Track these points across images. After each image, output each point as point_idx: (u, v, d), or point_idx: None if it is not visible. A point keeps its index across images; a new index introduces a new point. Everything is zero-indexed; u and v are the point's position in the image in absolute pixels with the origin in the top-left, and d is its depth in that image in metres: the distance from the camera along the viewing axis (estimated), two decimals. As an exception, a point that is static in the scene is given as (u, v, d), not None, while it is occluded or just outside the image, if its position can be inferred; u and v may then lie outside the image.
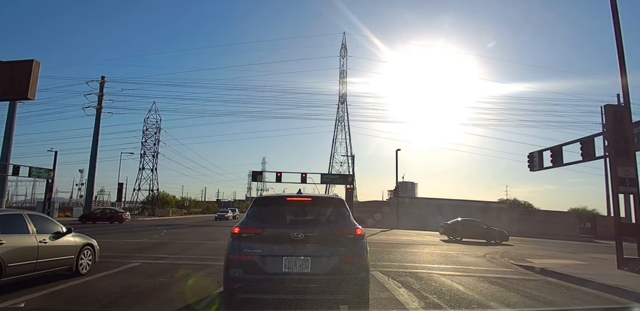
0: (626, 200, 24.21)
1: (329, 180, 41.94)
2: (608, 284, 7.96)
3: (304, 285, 4.76)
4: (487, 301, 6.36)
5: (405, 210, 43.29)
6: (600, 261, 13.08)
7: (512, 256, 14.18)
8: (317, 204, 5.83)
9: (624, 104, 12.30)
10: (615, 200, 12.68)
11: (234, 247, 4.96)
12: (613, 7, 12.18)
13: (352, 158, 50.92)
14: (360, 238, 5.12)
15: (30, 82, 8.28)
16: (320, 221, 5.47)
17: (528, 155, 17.79)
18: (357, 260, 4.96)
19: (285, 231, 5.01)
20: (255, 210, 5.49)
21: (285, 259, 4.82)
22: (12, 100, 21.16)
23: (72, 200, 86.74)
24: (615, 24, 12.14)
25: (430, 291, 6.94)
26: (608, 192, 40.38)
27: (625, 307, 5.25)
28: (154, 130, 68.98)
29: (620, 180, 11.13)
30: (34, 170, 31.69)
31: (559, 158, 15.43)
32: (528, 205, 59.24)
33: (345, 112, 73.74)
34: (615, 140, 11.31)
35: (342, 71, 72.87)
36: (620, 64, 11.96)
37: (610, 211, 40.37)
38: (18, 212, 7.03)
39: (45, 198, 34.42)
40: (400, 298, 6.29)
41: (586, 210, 50.91)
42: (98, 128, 47.36)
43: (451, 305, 5.95)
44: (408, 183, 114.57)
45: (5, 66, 8.68)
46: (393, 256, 12.73)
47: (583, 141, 13.84)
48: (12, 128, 30.72)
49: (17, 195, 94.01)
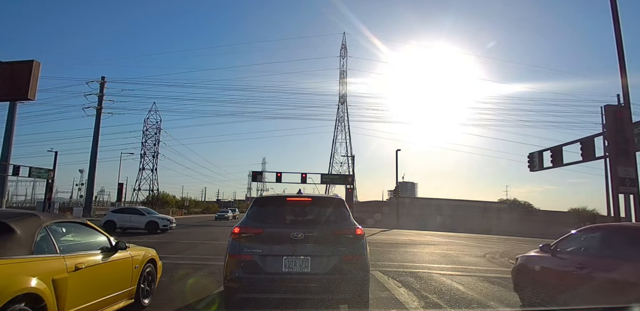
0: (626, 200, 24.19)
1: (329, 180, 41.98)
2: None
3: (303, 284, 4.76)
4: (487, 300, 6.37)
5: (405, 210, 43.32)
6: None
7: (512, 256, 14.12)
8: (317, 204, 5.83)
9: (624, 104, 12.31)
10: (615, 200, 12.70)
11: (234, 247, 4.97)
12: (613, 7, 12.19)
13: (352, 158, 50.98)
14: (360, 238, 5.13)
15: (30, 82, 8.29)
16: (320, 221, 5.47)
17: (528, 155, 17.82)
18: (357, 259, 4.96)
19: (285, 231, 5.02)
20: (255, 210, 5.49)
21: (285, 259, 4.83)
22: (13, 100, 21.19)
23: (72, 200, 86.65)
24: (615, 24, 12.15)
25: (430, 291, 6.94)
26: (608, 192, 40.13)
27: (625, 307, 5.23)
28: (154, 131, 69.20)
29: (620, 180, 11.14)
30: (34, 170, 31.74)
31: (559, 159, 15.45)
32: (528, 205, 59.31)
33: (345, 113, 73.92)
34: (615, 140, 11.32)
35: (342, 71, 73.10)
36: (620, 64, 11.97)
37: (610, 211, 40.31)
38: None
39: (45, 198, 34.43)
40: (400, 297, 6.29)
41: (586, 210, 50.95)
42: (98, 128, 47.44)
43: (451, 305, 5.96)
44: (408, 183, 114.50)
45: (5, 66, 8.69)
46: (393, 256, 12.74)
47: (583, 141, 13.86)
48: (12, 128, 30.74)
49: (17, 195, 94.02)
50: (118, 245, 4.82)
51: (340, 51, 74.82)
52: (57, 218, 4.34)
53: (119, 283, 4.70)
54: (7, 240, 3.39)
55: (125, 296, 4.81)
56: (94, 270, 4.17)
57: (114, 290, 4.54)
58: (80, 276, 3.85)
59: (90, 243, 4.54)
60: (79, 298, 3.83)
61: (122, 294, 4.72)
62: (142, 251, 5.53)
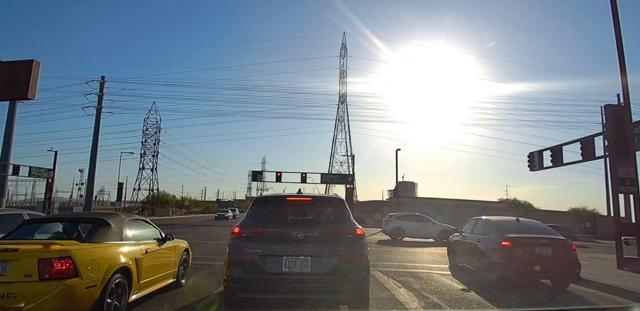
0: (626, 200, 24.22)
1: (329, 179, 41.91)
2: (608, 284, 7.96)
3: (304, 284, 4.76)
4: (486, 301, 6.36)
5: (405, 210, 43.17)
6: (600, 261, 13.08)
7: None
8: (317, 204, 5.83)
9: (624, 104, 12.30)
10: (615, 200, 12.68)
11: (234, 247, 4.97)
12: (613, 7, 12.18)
13: (352, 158, 50.89)
14: (360, 238, 5.13)
15: (30, 82, 8.27)
16: (320, 221, 5.46)
17: (528, 155, 17.79)
18: (357, 259, 4.96)
19: (285, 231, 5.02)
20: (255, 209, 5.49)
21: (285, 259, 4.82)
22: (12, 100, 21.16)
23: (72, 200, 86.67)
24: (615, 24, 12.14)
25: (430, 291, 6.94)
26: (608, 192, 40.33)
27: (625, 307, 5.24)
28: (154, 130, 69.19)
29: (620, 180, 11.13)
30: (34, 170, 31.68)
31: (559, 158, 15.43)
32: (528, 205, 59.12)
33: (345, 112, 73.85)
34: (615, 140, 11.31)
35: (342, 71, 73.01)
36: (620, 64, 11.96)
37: (610, 211, 40.35)
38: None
39: (45, 198, 34.36)
40: (400, 297, 6.29)
41: (586, 209, 50.77)
42: (98, 128, 47.29)
43: (451, 305, 5.96)
44: (408, 183, 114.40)
45: (5, 66, 8.68)
46: (393, 256, 12.73)
47: (583, 141, 13.83)
48: (12, 128, 30.68)
49: (17, 194, 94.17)
50: (167, 236, 6.38)
51: (340, 51, 74.80)
52: (131, 216, 6.02)
53: (168, 266, 6.23)
54: (107, 230, 5.00)
55: (170, 275, 6.33)
56: (154, 254, 5.71)
57: (165, 270, 6.09)
58: (148, 258, 5.42)
59: (149, 234, 6.06)
60: (147, 273, 5.37)
61: (169, 273, 6.27)
62: (181, 243, 7.09)
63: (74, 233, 5.39)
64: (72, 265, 3.99)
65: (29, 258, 3.88)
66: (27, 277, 3.80)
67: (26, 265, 3.84)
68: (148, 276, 5.41)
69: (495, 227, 8.80)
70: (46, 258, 3.89)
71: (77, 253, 4.14)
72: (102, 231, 4.96)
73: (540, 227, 9.07)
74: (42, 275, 3.83)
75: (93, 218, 5.36)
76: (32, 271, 3.82)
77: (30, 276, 3.81)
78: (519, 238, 7.94)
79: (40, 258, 3.88)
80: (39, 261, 3.86)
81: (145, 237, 5.85)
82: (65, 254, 4.00)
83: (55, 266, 3.89)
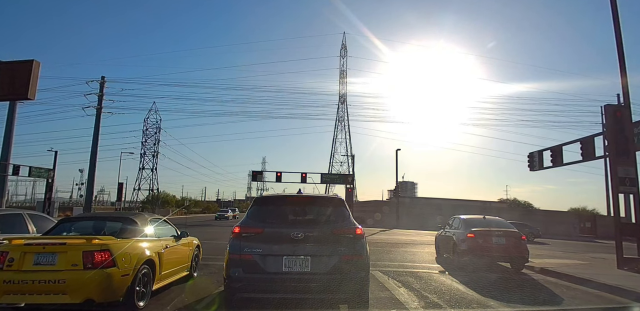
0: (626, 200, 24.20)
1: (329, 179, 41.87)
2: (608, 284, 7.96)
3: (304, 284, 4.77)
4: (486, 300, 6.36)
5: (405, 210, 43.29)
6: (600, 261, 13.08)
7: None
8: (317, 204, 5.84)
9: (624, 104, 12.29)
10: (615, 200, 12.68)
11: (235, 247, 4.97)
12: (613, 7, 12.18)
13: (352, 158, 50.85)
14: (360, 238, 5.13)
15: (30, 82, 8.27)
16: (320, 220, 5.47)
17: (528, 155, 17.77)
18: (357, 259, 4.96)
19: (285, 230, 5.02)
20: (255, 209, 5.50)
21: (285, 258, 4.83)
22: (12, 100, 21.14)
23: (72, 200, 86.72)
24: (615, 24, 12.14)
25: (430, 291, 6.94)
26: (608, 192, 40.35)
27: (625, 307, 5.25)
28: (154, 130, 69.21)
29: (620, 180, 11.13)
30: (34, 170, 31.65)
31: (559, 158, 15.41)
32: (528, 205, 59.19)
33: (345, 112, 73.88)
34: (615, 140, 11.30)
35: (342, 71, 73.05)
36: (620, 64, 11.96)
37: (610, 211, 40.37)
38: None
39: (45, 198, 34.33)
40: (400, 297, 6.29)
41: (586, 209, 50.79)
42: (98, 128, 47.30)
43: (451, 305, 5.96)
44: (408, 183, 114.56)
45: (5, 66, 8.68)
46: (393, 256, 12.73)
47: (583, 141, 13.81)
48: (12, 128, 30.65)
49: (17, 194, 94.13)
50: (182, 234, 7.06)
51: (340, 51, 74.82)
52: (152, 216, 6.84)
53: (183, 260, 6.94)
54: (135, 228, 5.79)
55: (185, 268, 7.06)
56: (172, 249, 6.41)
57: (181, 263, 6.79)
58: (167, 252, 6.12)
59: (167, 232, 6.76)
60: (167, 266, 6.09)
61: (184, 267, 6.99)
62: (193, 239, 7.76)
63: (102, 231, 5.87)
64: (110, 256, 4.63)
65: (74, 251, 4.53)
66: (73, 266, 4.46)
67: (72, 256, 4.49)
68: (168, 268, 6.13)
69: (465, 223, 11.00)
70: (89, 251, 4.55)
71: (114, 246, 4.80)
72: (131, 228, 5.73)
73: (501, 222, 11.33)
74: (86, 264, 4.48)
75: (123, 217, 6.17)
76: (78, 262, 4.48)
77: (76, 266, 4.46)
78: (481, 231, 10.23)
79: (84, 250, 4.55)
80: (84, 253, 4.52)
81: (164, 234, 6.56)
82: (104, 247, 4.66)
83: (97, 257, 4.54)
